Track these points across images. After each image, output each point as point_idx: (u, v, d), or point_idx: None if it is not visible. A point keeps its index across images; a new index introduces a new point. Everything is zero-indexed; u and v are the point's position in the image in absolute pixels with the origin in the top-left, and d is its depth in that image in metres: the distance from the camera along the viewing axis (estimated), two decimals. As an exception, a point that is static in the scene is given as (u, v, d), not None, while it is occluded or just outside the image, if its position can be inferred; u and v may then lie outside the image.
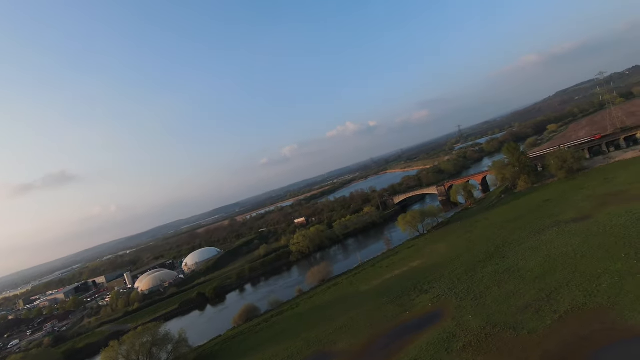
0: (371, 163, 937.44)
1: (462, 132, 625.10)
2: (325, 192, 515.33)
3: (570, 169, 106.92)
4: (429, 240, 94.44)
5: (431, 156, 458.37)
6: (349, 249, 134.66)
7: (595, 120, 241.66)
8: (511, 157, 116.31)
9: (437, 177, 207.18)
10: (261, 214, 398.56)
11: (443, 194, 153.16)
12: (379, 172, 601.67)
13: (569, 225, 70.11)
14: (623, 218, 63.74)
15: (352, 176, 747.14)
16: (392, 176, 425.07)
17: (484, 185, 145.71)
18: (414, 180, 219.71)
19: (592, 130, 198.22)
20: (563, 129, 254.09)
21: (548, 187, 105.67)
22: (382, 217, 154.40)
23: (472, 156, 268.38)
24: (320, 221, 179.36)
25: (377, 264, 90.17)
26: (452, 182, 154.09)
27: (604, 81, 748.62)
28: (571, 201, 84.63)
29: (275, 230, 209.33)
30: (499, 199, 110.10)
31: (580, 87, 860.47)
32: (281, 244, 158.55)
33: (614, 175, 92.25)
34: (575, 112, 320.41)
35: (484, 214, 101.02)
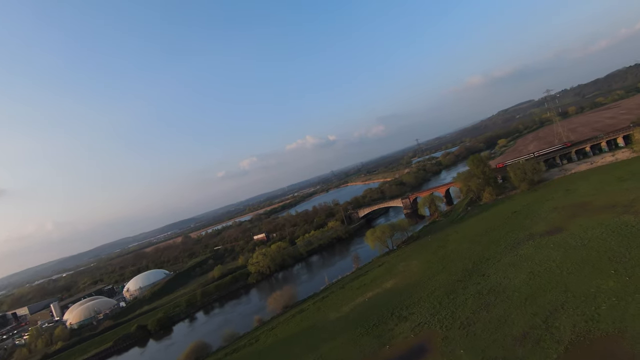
0: (332, 176, 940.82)
1: (421, 145, 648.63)
2: (286, 206, 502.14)
3: (532, 180, 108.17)
4: (401, 257, 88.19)
5: (390, 169, 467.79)
6: (314, 267, 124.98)
7: (540, 136, 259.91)
8: (476, 169, 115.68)
9: (399, 190, 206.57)
10: (217, 229, 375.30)
11: (408, 207, 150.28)
12: (340, 185, 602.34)
13: (544, 238, 67.44)
14: (597, 230, 61.91)
15: (313, 189, 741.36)
16: (354, 189, 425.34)
17: (447, 198, 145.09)
18: (377, 192, 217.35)
19: (539, 145, 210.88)
20: (512, 144, 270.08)
21: (512, 198, 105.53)
22: (348, 231, 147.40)
23: (431, 169, 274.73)
24: (282, 237, 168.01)
25: (346, 285, 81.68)
26: (417, 195, 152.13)
27: (538, 103, 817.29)
28: (539, 213, 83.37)
29: (232, 248, 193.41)
30: (466, 212, 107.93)
31: (519, 107, 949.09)
32: (239, 264, 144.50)
33: (574, 187, 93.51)
34: (520, 128, 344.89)
35: (454, 227, 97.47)
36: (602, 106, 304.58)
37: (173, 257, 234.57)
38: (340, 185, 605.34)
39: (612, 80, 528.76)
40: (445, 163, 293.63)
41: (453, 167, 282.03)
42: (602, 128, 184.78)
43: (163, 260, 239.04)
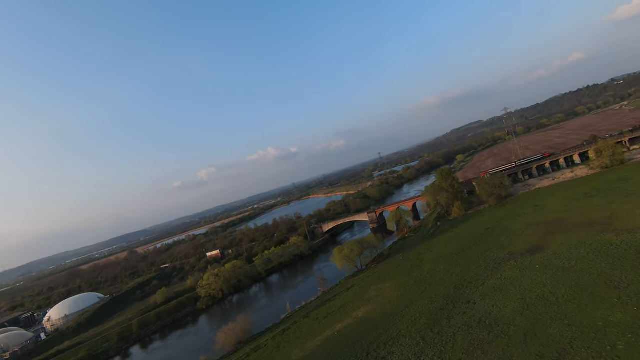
0: (293, 188, 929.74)
1: (382, 159, 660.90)
2: (245, 219, 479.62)
3: (499, 195, 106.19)
4: (372, 279, 79.34)
5: (352, 182, 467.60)
6: (274, 289, 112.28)
7: (495, 152, 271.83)
8: (444, 182, 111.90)
9: (364, 203, 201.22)
10: (168, 244, 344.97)
11: (374, 221, 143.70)
12: (302, 197, 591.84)
13: (526, 258, 62.40)
14: (581, 250, 57.83)
15: (274, 201, 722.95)
16: (316, 201, 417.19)
17: (414, 212, 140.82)
18: (341, 206, 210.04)
19: (496, 161, 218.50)
20: (469, 159, 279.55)
21: (482, 214, 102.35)
22: (311, 247, 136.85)
23: (394, 182, 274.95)
24: (239, 254, 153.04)
25: (311, 313, 70.78)
26: (383, 208, 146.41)
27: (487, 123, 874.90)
28: (513, 229, 79.50)
29: (181, 267, 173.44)
30: (436, 227, 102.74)
31: (470, 126, 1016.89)
32: (187, 286, 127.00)
33: (542, 203, 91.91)
34: (475, 145, 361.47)
35: (426, 245, 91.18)
36: (547, 127, 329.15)
37: (112, 277, 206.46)
38: (302, 198, 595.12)
39: (550, 105, 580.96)
40: (407, 177, 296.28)
41: (415, 180, 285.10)
42: (554, 146, 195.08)
43: (100, 280, 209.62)
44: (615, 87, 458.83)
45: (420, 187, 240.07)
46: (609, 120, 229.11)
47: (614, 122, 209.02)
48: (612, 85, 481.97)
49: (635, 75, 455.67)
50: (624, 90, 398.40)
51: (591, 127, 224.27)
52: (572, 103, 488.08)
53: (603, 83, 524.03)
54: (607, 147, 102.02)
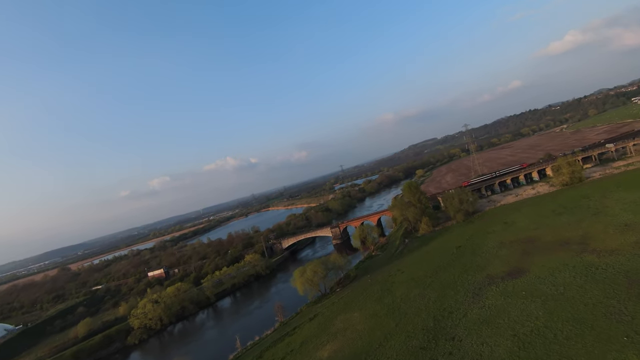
0: (252, 199, 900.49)
1: (344, 172, 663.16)
2: (198, 231, 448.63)
3: (467, 211, 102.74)
4: (338, 306, 69.32)
5: (314, 194, 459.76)
6: (225, 316, 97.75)
7: (452, 168, 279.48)
8: (412, 196, 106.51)
9: (326, 217, 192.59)
10: (107, 260, 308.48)
11: (338, 236, 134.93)
12: (261, 209, 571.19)
13: (508, 282, 56.56)
14: (566, 273, 53.09)
15: (231, 213, 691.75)
16: (276, 214, 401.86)
17: (379, 227, 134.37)
18: (302, 219, 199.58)
19: (455, 176, 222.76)
20: (429, 174, 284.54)
21: (450, 230, 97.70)
22: (269, 266, 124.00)
23: (356, 195, 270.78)
24: (186, 274, 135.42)
25: (265, 353, 58.88)
26: (347, 223, 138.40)
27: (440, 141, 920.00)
28: (486, 249, 74.56)
29: (117, 288, 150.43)
30: (404, 245, 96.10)
31: (426, 143, 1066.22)
32: (119, 314, 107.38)
33: (511, 219, 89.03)
34: (432, 160, 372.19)
35: (396, 264, 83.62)
36: (497, 146, 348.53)
37: (30, 302, 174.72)
38: (261, 210, 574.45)
39: (497, 125, 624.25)
40: (368, 190, 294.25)
41: (377, 194, 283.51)
42: (508, 163, 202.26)
43: (14, 306, 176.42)
44: (553, 112, 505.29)
45: (382, 200, 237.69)
46: (553, 141, 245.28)
47: (559, 143, 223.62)
48: (550, 110, 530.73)
49: (569, 102, 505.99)
50: (561, 115, 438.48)
51: (538, 147, 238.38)
52: (517, 125, 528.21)
53: (542, 108, 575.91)
54: (567, 165, 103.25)
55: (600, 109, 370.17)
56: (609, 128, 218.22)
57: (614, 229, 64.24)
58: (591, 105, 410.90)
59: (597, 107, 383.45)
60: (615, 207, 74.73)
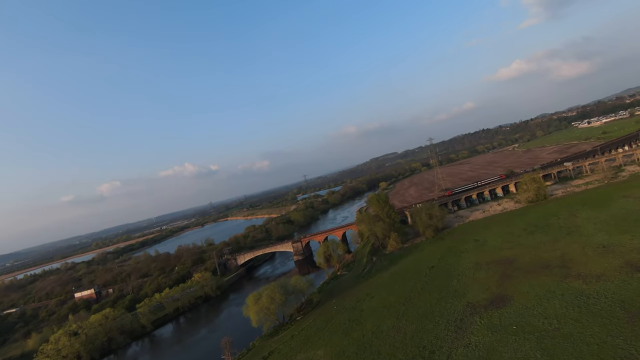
0: (210, 208, 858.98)
1: (307, 182, 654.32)
2: (148, 242, 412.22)
3: (436, 227, 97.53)
4: (298, 341, 58.46)
5: (275, 204, 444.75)
6: (162, 349, 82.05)
7: (415, 181, 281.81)
8: (380, 210, 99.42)
9: (287, 229, 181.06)
10: (35, 274, 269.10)
11: (300, 252, 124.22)
12: (219, 219, 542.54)
13: (492, 311, 49.83)
14: (555, 302, 47.52)
15: (187, 222, 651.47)
16: (234, 224, 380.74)
17: (344, 241, 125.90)
18: (262, 232, 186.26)
19: (419, 190, 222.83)
20: (392, 187, 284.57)
21: (420, 248, 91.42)
22: (220, 286, 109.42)
23: (319, 207, 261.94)
24: (122, 295, 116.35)
25: (205, 408, 46.04)
26: (310, 237, 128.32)
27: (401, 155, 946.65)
28: (461, 270, 68.40)
29: (35, 313, 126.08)
30: (372, 264, 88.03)
31: (387, 156, 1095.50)
32: (28, 348, 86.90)
33: (482, 237, 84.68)
34: (395, 174, 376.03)
35: (364, 287, 74.88)
36: (456, 162, 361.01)
37: None
38: (219, 219, 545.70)
39: (454, 142, 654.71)
40: (332, 201, 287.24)
41: (340, 206, 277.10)
42: (469, 178, 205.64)
43: None
44: (504, 132, 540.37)
45: (346, 212, 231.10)
46: (508, 158, 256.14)
47: (514, 160, 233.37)
48: (501, 130, 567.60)
49: (518, 124, 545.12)
50: (511, 135, 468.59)
51: (495, 163, 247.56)
52: (472, 143, 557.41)
53: (494, 128, 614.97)
54: (532, 182, 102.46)
55: (546, 131, 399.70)
56: (558, 148, 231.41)
57: (592, 250, 60.93)
58: (537, 127, 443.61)
59: (543, 129, 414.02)
60: (587, 227, 72.72)
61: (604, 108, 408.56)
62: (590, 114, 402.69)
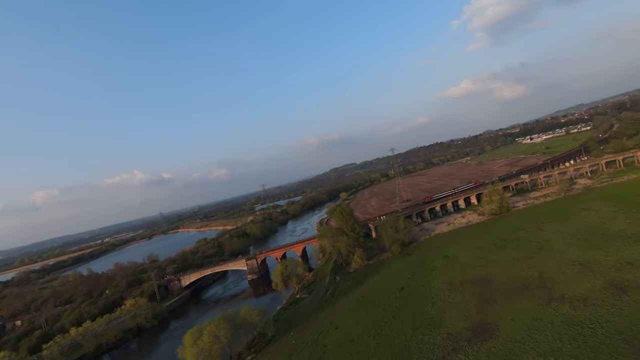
0: (160, 219, 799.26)
1: (267, 192, 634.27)
2: (83, 258, 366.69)
3: (403, 242, 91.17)
4: (246, 393, 46.67)
5: (231, 215, 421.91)
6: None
7: (375, 192, 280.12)
8: (345, 224, 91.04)
9: (242, 243, 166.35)
10: None
11: (255, 270, 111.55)
12: (168, 231, 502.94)
13: (478, 348, 42.83)
14: (547, 335, 41.70)
15: (133, 234, 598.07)
16: (185, 237, 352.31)
17: (304, 257, 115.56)
18: (213, 246, 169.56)
19: (380, 200, 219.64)
20: (352, 197, 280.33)
21: (387, 265, 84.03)
22: (158, 314, 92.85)
23: (278, 218, 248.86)
24: (33, 328, 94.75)
25: None
26: (267, 254, 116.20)
27: (360, 166, 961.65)
28: (435, 292, 61.60)
29: None
30: (335, 284, 78.76)
31: (347, 167, 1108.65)
32: None
33: (451, 253, 79.41)
34: (355, 184, 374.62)
35: (327, 314, 65.06)
36: (413, 173, 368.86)
37: None
38: (169, 231, 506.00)
39: (410, 155, 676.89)
40: (291, 212, 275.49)
41: (299, 217, 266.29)
42: (428, 190, 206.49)
43: None
44: (456, 145, 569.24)
45: (306, 224, 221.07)
46: (463, 170, 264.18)
47: (469, 172, 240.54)
48: (453, 144, 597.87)
49: (468, 139, 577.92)
50: (463, 149, 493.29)
51: (451, 175, 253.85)
52: (427, 155, 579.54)
53: (446, 142, 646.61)
54: (496, 193, 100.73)
55: (493, 146, 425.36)
56: (508, 161, 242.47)
57: (569, 268, 57.19)
58: (486, 142, 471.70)
59: (491, 144, 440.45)
60: (557, 241, 70.17)
61: (543, 126, 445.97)
62: (531, 131, 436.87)
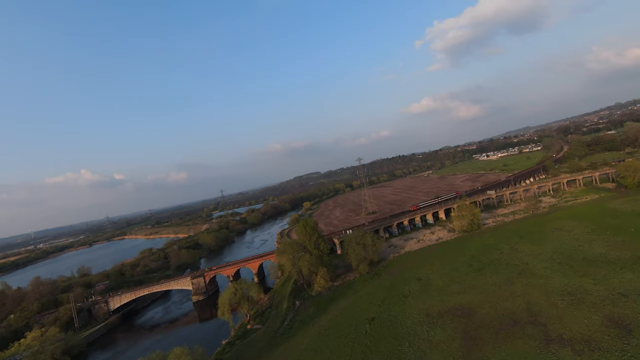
0: (107, 223, 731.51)
1: (226, 198, 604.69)
2: (4, 267, 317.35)
3: (371, 260, 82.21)
4: None
5: (186, 221, 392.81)
6: None
7: (339, 202, 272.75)
8: (308, 239, 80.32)
9: (192, 255, 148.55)
10: None
11: (201, 290, 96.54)
12: (113, 237, 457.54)
13: (471, 409, 33.37)
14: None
15: (72, 239, 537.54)
16: (131, 245, 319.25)
17: (260, 275, 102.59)
18: (159, 257, 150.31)
19: (344, 211, 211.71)
20: (316, 207, 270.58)
21: (354, 288, 74.22)
22: (73, 348, 74.41)
23: (235, 227, 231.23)
24: None
25: None
26: (217, 271, 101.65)
27: (324, 175, 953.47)
28: (411, 326, 52.81)
29: None
30: (294, 311, 67.40)
31: (311, 175, 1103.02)
32: None
33: (425, 275, 71.63)
34: (319, 193, 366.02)
35: (283, 354, 53.39)
36: (377, 184, 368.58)
37: None
38: (114, 237, 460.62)
39: (374, 166, 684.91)
40: (250, 221, 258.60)
41: (259, 226, 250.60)
42: (392, 202, 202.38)
43: None
44: (418, 159, 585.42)
45: (266, 234, 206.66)
46: (426, 184, 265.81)
47: (432, 186, 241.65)
48: (415, 157, 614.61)
49: (429, 153, 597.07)
50: (424, 163, 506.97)
51: (415, 188, 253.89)
52: (390, 167, 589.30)
53: (408, 155, 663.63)
54: (468, 209, 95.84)
55: (453, 161, 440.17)
56: (468, 177, 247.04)
57: (559, 298, 50.96)
58: (445, 157, 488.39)
59: (450, 159, 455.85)
60: (536, 265, 64.83)
61: (497, 144, 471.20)
62: (487, 149, 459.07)
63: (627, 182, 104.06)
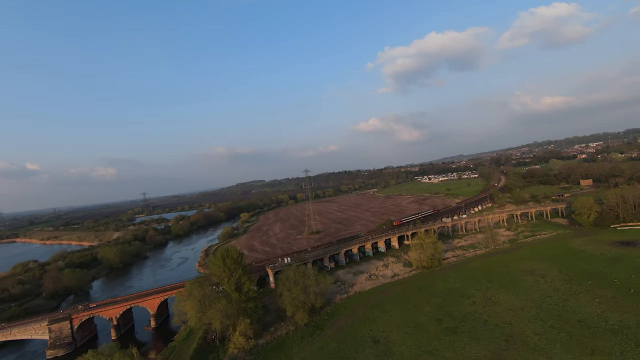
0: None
1: (149, 201, 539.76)
2: None
3: (313, 306, 62.01)
4: None
5: (100, 225, 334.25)
6: None
7: (281, 216, 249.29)
8: (227, 277, 57.66)
9: (79, 277, 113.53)
10: None
11: (65, 340, 66.84)
12: (1, 239, 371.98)
13: None
14: None
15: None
16: (21, 251, 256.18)
17: (161, 316, 75.59)
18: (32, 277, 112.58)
19: (285, 227, 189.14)
20: (254, 219, 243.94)
21: (285, 350, 52.94)
22: None
23: (154, 238, 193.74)
24: None
25: None
26: (96, 311, 72.38)
27: (268, 184, 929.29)
28: None
29: None
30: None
31: (254, 183, 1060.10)
32: None
33: (383, 333, 53.55)
34: (260, 204, 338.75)
35: None
36: (322, 198, 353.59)
37: None
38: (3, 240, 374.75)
39: (320, 179, 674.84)
40: (176, 231, 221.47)
41: (186, 238, 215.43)
42: (337, 220, 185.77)
43: None
44: (363, 176, 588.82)
45: (190, 250, 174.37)
46: (373, 202, 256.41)
47: (378, 205, 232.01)
48: (361, 174, 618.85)
49: (374, 171, 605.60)
50: (369, 180, 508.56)
51: (362, 206, 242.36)
52: (336, 182, 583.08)
53: (354, 171, 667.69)
54: (429, 240, 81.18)
55: (396, 180, 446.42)
56: (415, 198, 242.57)
57: (576, 396, 35.74)
58: (390, 176, 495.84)
59: (394, 178, 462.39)
60: (523, 328, 50.44)
61: (437, 168, 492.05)
62: (428, 172, 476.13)
63: (582, 219, 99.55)
